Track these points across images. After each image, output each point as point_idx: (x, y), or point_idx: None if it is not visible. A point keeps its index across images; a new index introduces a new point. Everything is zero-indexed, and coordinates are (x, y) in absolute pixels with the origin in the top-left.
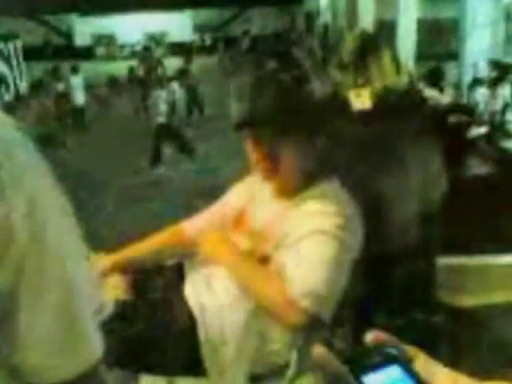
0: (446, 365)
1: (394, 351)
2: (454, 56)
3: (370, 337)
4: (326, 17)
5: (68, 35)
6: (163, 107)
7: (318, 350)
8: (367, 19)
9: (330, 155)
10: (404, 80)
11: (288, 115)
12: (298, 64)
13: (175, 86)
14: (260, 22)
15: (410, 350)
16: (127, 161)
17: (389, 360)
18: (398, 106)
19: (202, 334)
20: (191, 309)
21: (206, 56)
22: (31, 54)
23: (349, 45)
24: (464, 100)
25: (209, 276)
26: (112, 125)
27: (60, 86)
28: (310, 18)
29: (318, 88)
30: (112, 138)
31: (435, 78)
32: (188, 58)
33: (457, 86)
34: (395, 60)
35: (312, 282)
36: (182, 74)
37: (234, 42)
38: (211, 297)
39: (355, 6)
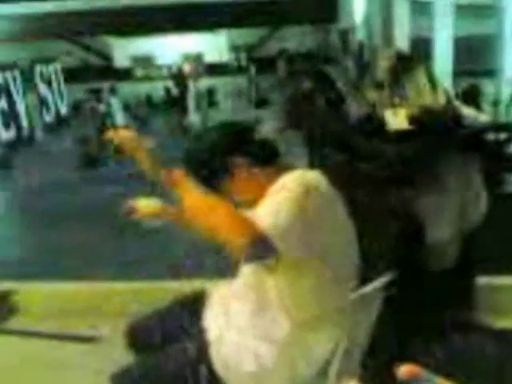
0: None
1: None
2: (491, 73)
3: (404, 371)
4: (361, 35)
5: (107, 57)
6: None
7: None
8: (403, 37)
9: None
10: (441, 99)
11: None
12: (333, 84)
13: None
14: (295, 40)
15: (445, 383)
16: None
17: None
18: (435, 126)
19: (217, 361)
20: (206, 340)
21: (240, 76)
22: (71, 75)
23: (384, 64)
24: (502, 117)
25: (228, 310)
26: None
27: (101, 107)
28: (345, 36)
29: (354, 108)
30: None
31: (472, 96)
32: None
33: (495, 103)
34: (431, 78)
35: (270, 214)
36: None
37: (270, 62)
38: (230, 328)
39: (391, 23)
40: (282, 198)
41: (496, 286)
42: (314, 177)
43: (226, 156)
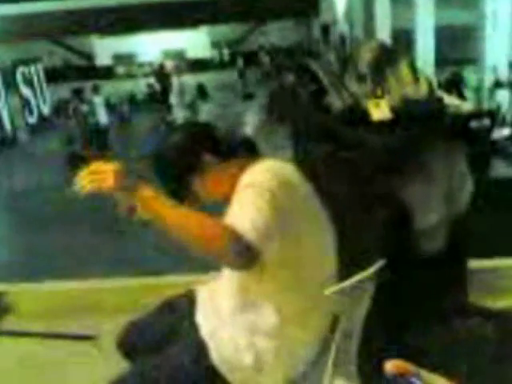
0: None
1: (416, 381)
2: (473, 61)
3: (391, 366)
4: (342, 28)
5: (89, 56)
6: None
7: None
8: (384, 29)
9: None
10: (423, 88)
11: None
12: (316, 77)
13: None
14: (277, 35)
15: (432, 377)
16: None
17: None
18: (418, 115)
19: (215, 357)
20: (202, 338)
21: (223, 71)
22: (53, 75)
23: (366, 56)
24: (485, 103)
25: (218, 306)
26: (134, 141)
27: (84, 107)
28: (327, 29)
29: (336, 100)
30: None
31: (455, 83)
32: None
33: (477, 90)
34: (413, 69)
35: (245, 217)
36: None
37: (252, 56)
38: (223, 324)
39: (372, 15)
40: (255, 194)
41: (490, 267)
42: (283, 166)
43: (193, 155)
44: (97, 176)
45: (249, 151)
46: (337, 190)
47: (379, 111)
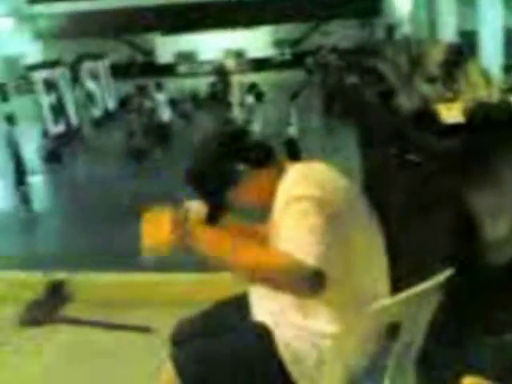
0: None
1: None
2: None
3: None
4: (405, 28)
5: (151, 53)
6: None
7: None
8: (448, 30)
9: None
10: (495, 93)
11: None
12: (383, 78)
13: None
14: (339, 34)
15: None
16: None
17: None
18: (491, 120)
19: (280, 345)
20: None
21: (284, 70)
22: (117, 71)
23: (435, 58)
24: None
25: (273, 308)
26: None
27: (147, 103)
28: (390, 30)
29: (406, 101)
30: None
31: None
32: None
33: None
34: (484, 72)
35: (305, 243)
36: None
37: (313, 56)
38: (283, 326)
39: (437, 17)
40: (306, 211)
41: None
42: (322, 170)
43: (225, 166)
44: (153, 229)
45: (291, 154)
46: (401, 194)
47: (451, 114)
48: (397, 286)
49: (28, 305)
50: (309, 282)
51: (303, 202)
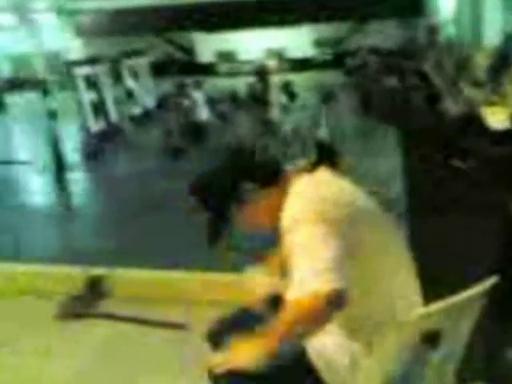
0: None
1: None
2: None
3: None
4: (449, 31)
5: (191, 52)
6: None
7: None
8: (493, 32)
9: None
10: None
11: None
12: (427, 80)
13: None
14: (380, 35)
15: None
16: None
17: None
18: None
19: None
20: None
21: (326, 71)
22: (157, 70)
23: (482, 61)
24: None
25: None
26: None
27: (186, 102)
28: (433, 31)
29: (451, 105)
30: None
31: None
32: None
33: None
34: None
35: (317, 264)
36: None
37: (353, 57)
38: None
39: (481, 19)
40: (312, 232)
41: None
42: (325, 181)
43: (232, 183)
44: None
45: (322, 156)
46: (448, 199)
47: (496, 119)
48: (439, 291)
49: (67, 299)
50: (329, 308)
51: (305, 224)
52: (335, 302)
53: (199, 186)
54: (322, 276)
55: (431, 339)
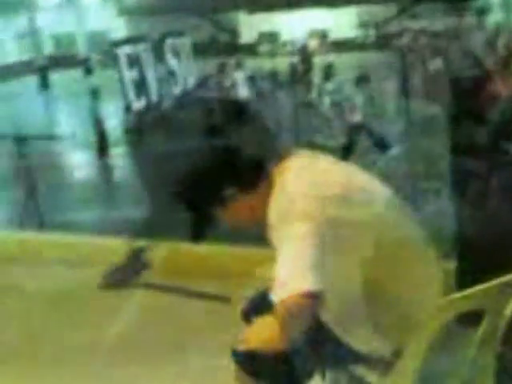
0: None
1: None
2: None
3: None
4: (497, 14)
5: (233, 32)
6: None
7: None
8: None
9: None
10: None
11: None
12: (479, 63)
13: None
14: (427, 18)
15: None
16: None
17: None
18: None
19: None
20: None
21: (369, 52)
22: (198, 50)
23: None
24: None
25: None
26: (273, 119)
27: (226, 82)
28: (481, 15)
29: (503, 89)
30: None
31: None
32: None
33: None
34: None
35: (301, 263)
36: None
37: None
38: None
39: None
40: (297, 235)
41: None
42: (314, 184)
43: (214, 190)
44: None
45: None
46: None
47: None
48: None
49: (110, 268)
50: (312, 307)
51: (291, 222)
52: (316, 301)
53: (182, 187)
54: (305, 275)
55: (472, 319)
